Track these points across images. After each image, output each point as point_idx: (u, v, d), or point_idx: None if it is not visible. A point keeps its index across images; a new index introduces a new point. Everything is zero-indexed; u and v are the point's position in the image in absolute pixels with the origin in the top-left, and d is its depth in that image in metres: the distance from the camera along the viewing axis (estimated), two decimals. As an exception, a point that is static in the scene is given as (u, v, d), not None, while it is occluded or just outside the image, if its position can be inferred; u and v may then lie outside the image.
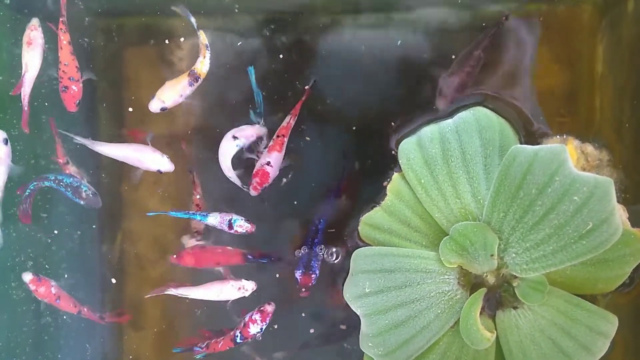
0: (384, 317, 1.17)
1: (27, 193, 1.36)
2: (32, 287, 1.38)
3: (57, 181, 1.36)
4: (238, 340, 1.35)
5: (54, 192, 1.40)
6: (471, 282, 1.18)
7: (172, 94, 1.33)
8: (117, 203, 1.46)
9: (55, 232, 1.44)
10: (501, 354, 1.18)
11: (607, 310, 1.15)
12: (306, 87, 1.37)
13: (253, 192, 1.34)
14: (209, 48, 1.33)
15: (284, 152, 1.34)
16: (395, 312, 1.17)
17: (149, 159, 1.36)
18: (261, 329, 1.34)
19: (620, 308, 1.17)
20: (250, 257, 1.39)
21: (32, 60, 1.34)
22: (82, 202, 1.37)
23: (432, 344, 1.17)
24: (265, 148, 1.35)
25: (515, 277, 1.15)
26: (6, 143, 1.35)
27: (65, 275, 1.44)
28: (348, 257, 1.25)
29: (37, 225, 1.43)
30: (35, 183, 1.36)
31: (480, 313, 1.14)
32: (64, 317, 1.44)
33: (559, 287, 1.16)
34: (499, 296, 1.18)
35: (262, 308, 1.34)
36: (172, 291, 1.35)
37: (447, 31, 1.37)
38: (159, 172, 1.36)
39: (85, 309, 1.43)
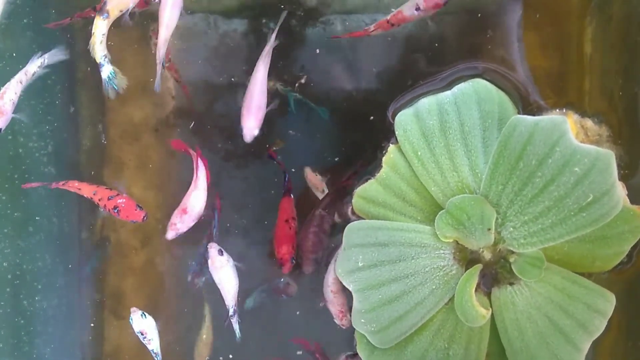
0: (377, 292, 1.14)
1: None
2: None
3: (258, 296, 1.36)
4: None
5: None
6: (467, 258, 1.15)
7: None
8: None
9: (37, 218, 1.41)
10: (496, 332, 1.15)
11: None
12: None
13: None
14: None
15: None
16: (389, 287, 1.13)
17: None
18: None
19: (616, 287, 1.15)
20: None
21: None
22: (289, 295, 1.36)
23: (426, 321, 1.14)
24: None
25: (512, 252, 1.12)
26: None
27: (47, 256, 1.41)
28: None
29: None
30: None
31: (476, 290, 1.11)
32: (42, 302, 1.40)
33: (557, 264, 1.13)
34: (495, 273, 1.15)
35: None
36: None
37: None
38: None
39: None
